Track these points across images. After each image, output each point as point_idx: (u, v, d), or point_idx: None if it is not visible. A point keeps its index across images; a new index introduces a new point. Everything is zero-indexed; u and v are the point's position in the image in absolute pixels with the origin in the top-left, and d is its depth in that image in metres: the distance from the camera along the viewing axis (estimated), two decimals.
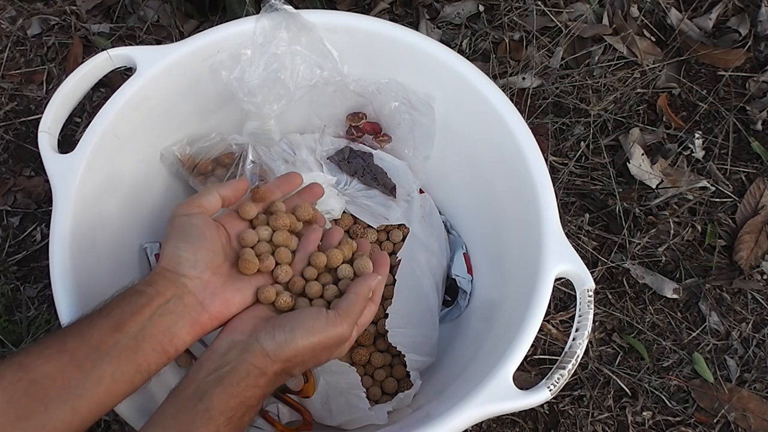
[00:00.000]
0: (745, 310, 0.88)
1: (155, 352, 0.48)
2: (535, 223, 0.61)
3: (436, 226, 0.80)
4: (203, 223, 0.52)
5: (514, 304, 0.62)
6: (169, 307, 0.49)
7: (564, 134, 0.97)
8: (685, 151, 0.96)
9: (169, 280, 0.50)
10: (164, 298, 0.49)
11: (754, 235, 0.90)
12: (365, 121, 0.78)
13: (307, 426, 0.67)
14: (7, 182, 0.92)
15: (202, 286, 0.51)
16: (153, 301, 0.49)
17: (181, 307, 0.49)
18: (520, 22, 1.02)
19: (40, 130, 0.63)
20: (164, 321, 0.48)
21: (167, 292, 0.49)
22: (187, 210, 0.53)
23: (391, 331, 0.71)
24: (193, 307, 0.50)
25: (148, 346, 0.47)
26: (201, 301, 0.50)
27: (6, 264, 0.87)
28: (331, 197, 0.76)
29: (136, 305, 0.48)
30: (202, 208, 0.53)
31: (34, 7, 1.03)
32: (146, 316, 0.48)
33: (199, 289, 0.50)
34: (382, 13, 1.03)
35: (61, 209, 0.60)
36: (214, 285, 0.51)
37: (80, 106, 0.94)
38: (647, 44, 1.02)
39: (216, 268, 0.52)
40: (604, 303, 0.87)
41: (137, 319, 0.48)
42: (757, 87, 1.00)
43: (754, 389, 0.83)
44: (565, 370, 0.54)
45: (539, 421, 0.82)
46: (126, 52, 0.66)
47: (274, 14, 0.67)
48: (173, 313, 0.49)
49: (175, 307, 0.49)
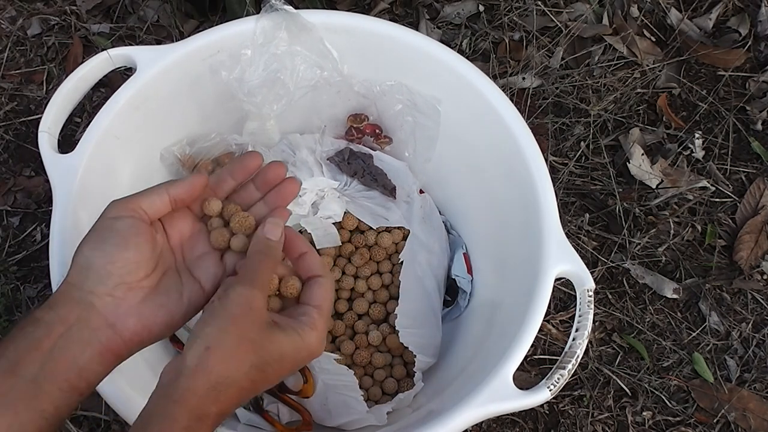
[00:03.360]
0: (745, 310, 0.88)
1: (62, 392, 0.40)
2: (535, 223, 0.61)
3: (437, 227, 0.80)
4: (129, 228, 0.43)
5: (514, 304, 0.62)
6: (72, 336, 0.41)
7: (564, 134, 0.97)
8: (685, 151, 0.96)
9: (73, 300, 0.42)
10: (66, 325, 0.41)
11: (754, 235, 0.90)
12: (366, 123, 0.78)
13: (307, 426, 0.67)
14: (7, 182, 0.92)
15: (114, 305, 0.42)
16: (53, 331, 0.41)
17: (87, 333, 0.41)
18: (520, 22, 1.02)
19: (40, 130, 0.63)
20: (68, 354, 0.41)
21: (70, 316, 0.41)
22: (117, 212, 0.44)
23: (402, 331, 0.71)
24: (103, 331, 0.42)
25: (51, 387, 0.40)
26: (112, 324, 0.42)
27: (6, 264, 0.87)
28: (332, 201, 0.76)
29: (33, 339, 0.40)
30: (138, 212, 0.44)
31: (34, 7, 1.03)
32: (45, 351, 0.40)
33: (109, 309, 0.42)
34: (382, 13, 1.03)
35: (61, 209, 0.60)
36: (129, 303, 0.43)
37: (80, 106, 0.94)
38: (647, 44, 1.02)
39: (135, 282, 0.43)
40: (604, 303, 0.87)
41: (34, 357, 0.40)
42: (757, 87, 1.00)
43: (754, 389, 0.83)
44: (565, 370, 0.54)
45: (539, 421, 0.82)
46: (126, 52, 0.66)
47: (274, 14, 0.67)
48: (78, 342, 0.41)
49: (80, 334, 0.41)
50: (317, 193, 0.77)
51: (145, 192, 0.45)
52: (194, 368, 0.38)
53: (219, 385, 0.38)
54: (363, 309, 0.78)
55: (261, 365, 0.40)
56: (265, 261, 0.44)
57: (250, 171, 0.49)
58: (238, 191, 0.50)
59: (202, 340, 0.39)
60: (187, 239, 0.48)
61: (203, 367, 0.38)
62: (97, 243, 0.43)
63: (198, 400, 0.38)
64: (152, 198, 0.45)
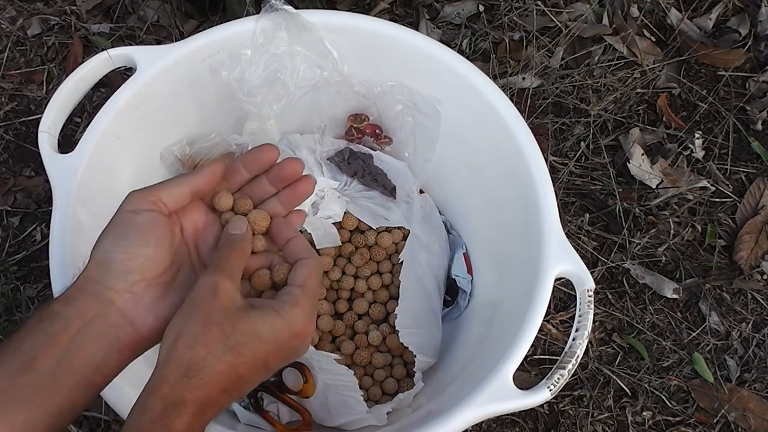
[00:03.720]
0: (745, 310, 0.88)
1: (79, 387, 0.40)
2: (535, 223, 0.61)
3: (437, 227, 0.80)
4: (150, 222, 0.43)
5: (514, 304, 0.62)
6: (90, 331, 0.41)
7: (564, 134, 0.97)
8: (685, 151, 0.96)
9: (92, 295, 0.41)
10: (84, 320, 0.41)
11: (754, 235, 0.90)
12: (367, 123, 0.78)
13: (307, 426, 0.67)
14: (7, 182, 0.92)
15: (133, 301, 0.42)
16: (71, 326, 0.40)
17: (105, 328, 0.41)
18: (520, 22, 1.02)
19: (40, 130, 0.63)
20: (86, 349, 0.40)
21: (88, 312, 0.41)
22: (136, 205, 0.43)
23: (402, 331, 0.71)
24: (122, 328, 0.42)
25: (68, 382, 0.40)
26: (131, 320, 0.42)
27: (6, 264, 0.87)
28: (332, 201, 0.76)
29: (50, 333, 0.40)
30: (159, 204, 0.43)
31: (34, 7, 1.03)
32: (63, 346, 0.40)
33: (129, 305, 0.42)
34: (382, 13, 1.03)
35: (61, 209, 0.60)
36: (147, 300, 0.43)
37: (80, 106, 0.94)
38: (647, 44, 1.02)
39: (154, 278, 0.43)
40: (604, 303, 0.87)
41: (52, 352, 0.40)
42: (757, 87, 1.00)
43: (754, 389, 0.83)
44: (565, 370, 0.54)
45: (539, 421, 0.82)
46: (126, 52, 0.66)
47: (274, 14, 0.67)
48: (96, 338, 0.41)
49: (99, 330, 0.41)
50: (317, 193, 0.77)
51: (166, 183, 0.44)
52: (165, 358, 0.39)
53: (190, 371, 0.38)
54: (363, 309, 0.78)
55: (235, 346, 0.39)
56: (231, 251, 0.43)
57: (264, 164, 0.48)
58: (250, 184, 0.49)
59: (172, 330, 0.39)
60: (201, 231, 0.47)
61: (173, 355, 0.38)
62: (116, 238, 0.42)
63: (170, 388, 0.38)
64: (173, 190, 0.44)
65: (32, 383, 0.39)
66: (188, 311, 0.40)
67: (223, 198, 0.47)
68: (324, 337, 0.76)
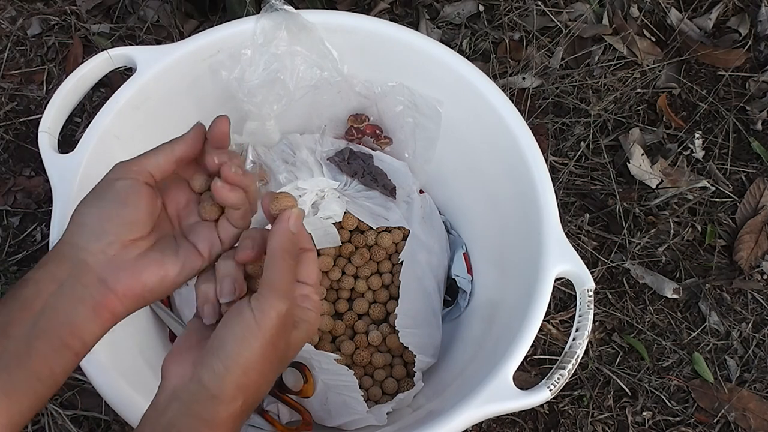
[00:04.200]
0: (745, 310, 0.88)
1: (55, 351, 0.39)
2: (536, 223, 0.61)
3: (437, 227, 0.80)
4: (129, 188, 0.42)
5: (514, 304, 0.62)
6: (64, 293, 0.40)
7: (564, 134, 0.97)
8: (685, 151, 0.96)
9: (64, 257, 0.41)
10: (57, 283, 0.40)
11: (754, 235, 0.90)
12: (367, 123, 0.78)
13: (307, 426, 0.67)
14: (7, 182, 0.92)
15: (106, 261, 0.41)
16: (44, 289, 0.40)
17: (79, 289, 0.40)
18: (520, 22, 1.02)
19: (40, 130, 0.63)
20: (60, 311, 0.39)
21: (61, 274, 0.40)
22: (119, 174, 0.42)
23: (402, 331, 0.71)
24: (95, 287, 0.41)
25: (43, 345, 0.39)
26: (104, 279, 0.41)
27: (6, 264, 0.87)
28: (332, 201, 0.76)
29: (24, 299, 0.39)
30: (143, 174, 0.43)
31: (34, 7, 1.03)
32: (37, 310, 0.39)
33: (101, 264, 0.41)
34: (382, 13, 1.03)
35: (61, 209, 0.60)
36: (122, 259, 0.41)
37: (80, 106, 0.94)
38: (647, 44, 1.02)
39: (130, 241, 0.42)
40: (604, 303, 0.87)
41: (25, 316, 0.39)
42: (757, 87, 1.00)
43: (754, 389, 0.83)
44: (565, 370, 0.54)
45: (539, 421, 0.82)
46: (126, 52, 0.66)
47: (274, 14, 0.67)
48: (71, 299, 0.40)
49: (72, 291, 0.40)
50: (317, 193, 0.77)
51: (150, 153, 0.44)
52: (233, 395, 0.38)
53: (246, 401, 0.39)
54: (363, 309, 0.78)
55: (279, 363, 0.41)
56: (288, 260, 0.41)
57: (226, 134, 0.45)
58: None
59: (238, 364, 0.38)
60: (183, 208, 0.46)
61: (242, 392, 0.39)
62: (93, 201, 0.42)
63: (233, 424, 0.39)
64: (158, 157, 0.43)
65: (7, 350, 0.38)
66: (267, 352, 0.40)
67: (197, 180, 0.46)
68: (324, 337, 0.76)
